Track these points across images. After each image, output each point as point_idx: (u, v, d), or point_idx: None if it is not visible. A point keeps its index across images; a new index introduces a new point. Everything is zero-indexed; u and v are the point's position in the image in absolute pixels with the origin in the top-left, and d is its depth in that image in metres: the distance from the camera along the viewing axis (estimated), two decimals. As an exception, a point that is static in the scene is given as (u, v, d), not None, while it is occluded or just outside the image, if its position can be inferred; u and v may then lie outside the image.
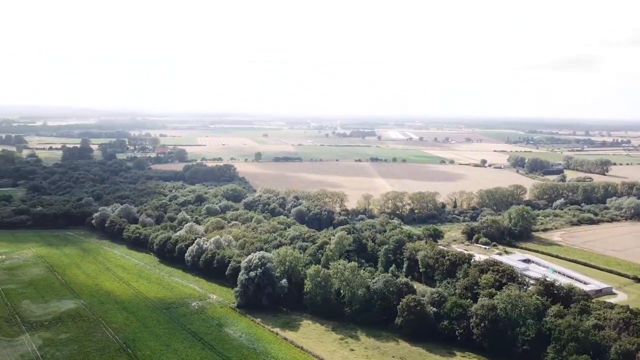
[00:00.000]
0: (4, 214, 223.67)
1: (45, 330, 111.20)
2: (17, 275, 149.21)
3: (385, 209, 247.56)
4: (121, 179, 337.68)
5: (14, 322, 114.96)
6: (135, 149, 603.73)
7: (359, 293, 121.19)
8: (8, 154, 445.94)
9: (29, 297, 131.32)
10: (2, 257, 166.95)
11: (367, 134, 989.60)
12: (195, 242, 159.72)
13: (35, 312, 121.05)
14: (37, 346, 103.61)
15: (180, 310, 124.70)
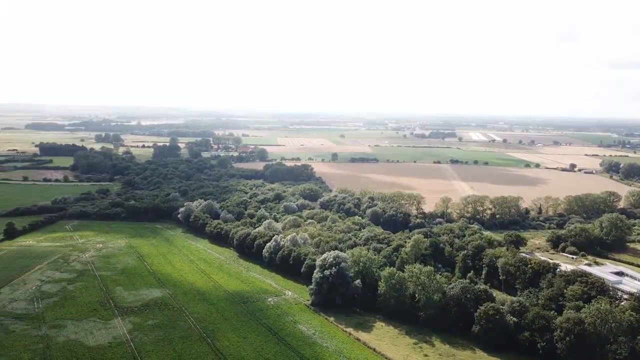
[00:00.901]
0: (102, 206, 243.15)
1: (135, 316, 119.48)
2: (112, 263, 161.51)
3: (465, 213, 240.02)
4: (205, 176, 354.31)
5: (108, 307, 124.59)
6: (219, 148, 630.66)
7: (435, 298, 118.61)
8: (107, 151, 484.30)
9: (121, 284, 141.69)
10: (99, 246, 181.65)
11: (447, 135, 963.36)
12: (273, 239, 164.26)
13: (127, 299, 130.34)
14: (127, 330, 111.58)
15: (256, 305, 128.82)
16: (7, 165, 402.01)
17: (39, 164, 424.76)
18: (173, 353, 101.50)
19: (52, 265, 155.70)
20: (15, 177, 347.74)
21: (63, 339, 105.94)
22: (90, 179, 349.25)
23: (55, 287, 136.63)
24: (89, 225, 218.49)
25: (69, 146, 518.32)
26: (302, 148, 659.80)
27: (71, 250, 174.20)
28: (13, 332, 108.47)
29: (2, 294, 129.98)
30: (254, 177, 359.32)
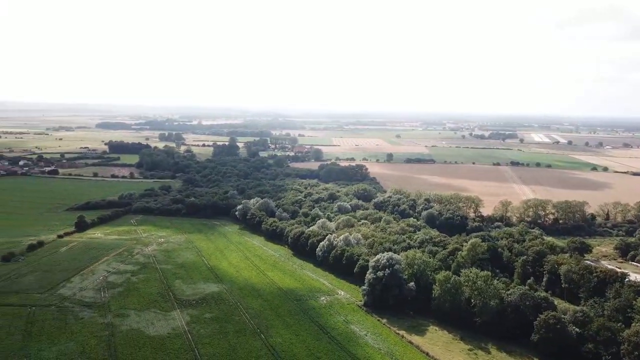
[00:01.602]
0: (164, 202, 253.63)
1: (193, 309, 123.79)
2: (172, 257, 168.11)
3: (525, 218, 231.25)
4: (262, 175, 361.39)
5: (168, 299, 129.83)
6: (276, 147, 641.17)
7: (492, 304, 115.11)
8: (169, 149, 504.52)
9: (180, 277, 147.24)
10: (161, 240, 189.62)
11: (508, 136, 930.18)
12: (327, 239, 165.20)
13: (185, 292, 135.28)
14: (185, 322, 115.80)
15: (309, 303, 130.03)
16: (79, 162, 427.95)
17: (108, 161, 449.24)
18: (228, 346, 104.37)
19: (117, 258, 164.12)
20: (86, 173, 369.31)
21: (126, 327, 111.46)
22: (153, 176, 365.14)
23: (120, 278, 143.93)
24: (152, 220, 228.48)
25: (135, 144, 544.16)
26: (356, 148, 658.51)
27: (135, 244, 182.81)
28: (82, 319, 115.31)
29: (72, 283, 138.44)
30: (309, 176, 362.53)
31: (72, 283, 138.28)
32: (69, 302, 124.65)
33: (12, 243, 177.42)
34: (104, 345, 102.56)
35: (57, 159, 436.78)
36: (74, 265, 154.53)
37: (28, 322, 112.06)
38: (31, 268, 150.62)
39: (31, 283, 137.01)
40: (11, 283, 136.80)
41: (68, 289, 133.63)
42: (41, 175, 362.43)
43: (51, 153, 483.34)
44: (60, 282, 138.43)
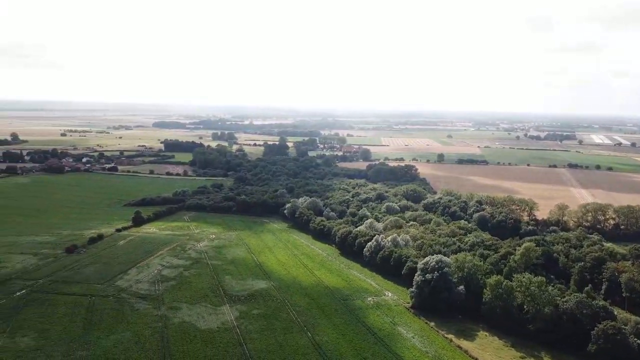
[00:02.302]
0: (216, 200, 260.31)
1: (242, 304, 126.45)
2: (223, 253, 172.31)
3: (583, 222, 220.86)
4: (311, 174, 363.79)
5: (218, 294, 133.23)
6: (324, 147, 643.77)
7: (545, 311, 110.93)
8: (222, 148, 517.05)
9: (230, 273, 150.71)
10: (212, 237, 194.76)
11: (566, 137, 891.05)
12: (374, 239, 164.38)
13: (235, 288, 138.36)
14: (234, 317, 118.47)
15: (356, 303, 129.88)
16: (137, 160, 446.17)
17: (163, 159, 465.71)
18: (275, 343, 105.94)
19: (171, 252, 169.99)
20: (143, 171, 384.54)
21: (178, 320, 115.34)
22: (206, 174, 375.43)
23: (173, 272, 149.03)
24: (204, 216, 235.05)
25: (189, 143, 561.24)
26: (406, 148, 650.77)
27: (188, 239, 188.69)
28: (137, 310, 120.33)
29: (129, 275, 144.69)
30: (357, 176, 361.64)
31: (128, 275, 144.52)
32: (125, 293, 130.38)
33: (75, 235, 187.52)
34: (158, 337, 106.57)
35: (117, 156, 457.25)
36: (131, 258, 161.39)
37: (88, 311, 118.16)
38: (92, 260, 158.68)
39: (92, 274, 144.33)
40: (74, 273, 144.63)
41: (125, 280, 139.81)
42: (102, 171, 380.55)
43: (111, 150, 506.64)
44: (118, 274, 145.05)
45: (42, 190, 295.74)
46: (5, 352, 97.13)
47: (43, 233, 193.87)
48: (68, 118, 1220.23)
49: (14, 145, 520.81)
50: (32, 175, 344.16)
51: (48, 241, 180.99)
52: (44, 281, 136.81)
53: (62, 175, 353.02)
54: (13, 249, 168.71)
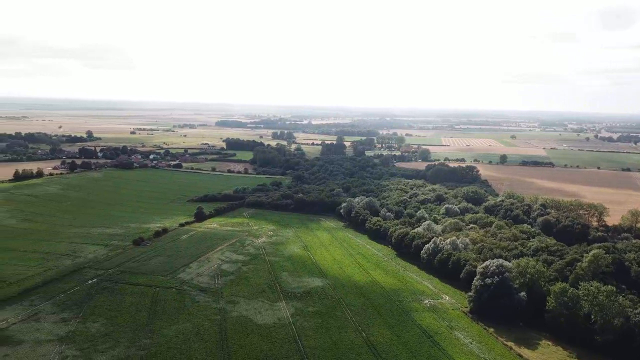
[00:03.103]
0: (274, 197, 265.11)
1: (297, 301, 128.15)
2: (280, 250, 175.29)
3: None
4: (367, 174, 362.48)
5: (275, 289, 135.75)
6: (382, 147, 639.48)
7: (615, 322, 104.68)
8: (281, 147, 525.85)
9: (287, 270, 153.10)
10: (270, 233, 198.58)
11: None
12: (432, 241, 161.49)
13: (291, 284, 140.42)
14: (290, 313, 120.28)
15: (412, 305, 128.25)
16: (200, 157, 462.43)
17: (225, 157, 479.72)
18: (329, 341, 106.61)
19: (230, 247, 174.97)
20: (205, 168, 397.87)
21: (236, 313, 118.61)
22: (265, 172, 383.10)
23: (232, 267, 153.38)
24: (262, 213, 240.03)
25: (250, 142, 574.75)
26: (467, 149, 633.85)
27: (247, 236, 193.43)
28: (198, 302, 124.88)
29: (191, 268, 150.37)
30: (415, 176, 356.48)
31: (190, 268, 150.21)
32: (187, 285, 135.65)
33: (141, 229, 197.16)
34: (216, 329, 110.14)
35: (181, 154, 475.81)
36: (193, 252, 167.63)
37: (153, 301, 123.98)
38: (157, 252, 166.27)
39: (156, 266, 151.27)
40: (140, 265, 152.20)
41: (187, 273, 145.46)
42: (167, 168, 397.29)
43: (176, 148, 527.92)
44: (181, 267, 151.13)
45: (113, 184, 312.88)
46: (79, 336, 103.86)
47: (113, 225, 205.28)
48: (137, 117, 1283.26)
49: (89, 143, 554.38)
50: (104, 171, 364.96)
51: (117, 233, 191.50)
52: (113, 271, 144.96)
53: (131, 171, 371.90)
54: (86, 240, 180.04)
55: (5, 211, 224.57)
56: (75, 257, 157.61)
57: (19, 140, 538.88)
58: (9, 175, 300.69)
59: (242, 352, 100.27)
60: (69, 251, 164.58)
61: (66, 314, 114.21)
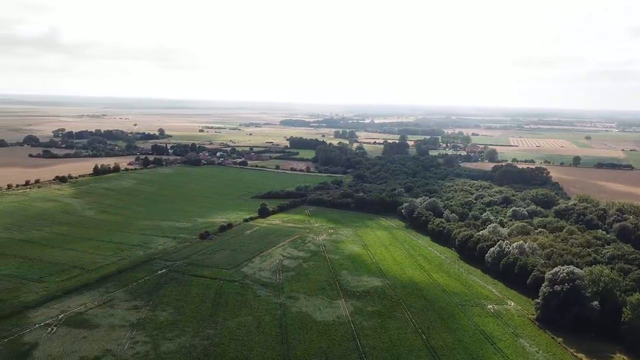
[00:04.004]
0: (335, 196, 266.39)
1: (357, 300, 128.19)
2: (340, 248, 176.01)
3: None
4: (431, 174, 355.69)
5: (334, 287, 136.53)
6: (447, 146, 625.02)
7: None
8: (343, 146, 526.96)
9: (346, 268, 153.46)
10: (330, 231, 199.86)
11: None
12: (497, 244, 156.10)
13: (350, 283, 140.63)
14: (349, 312, 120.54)
15: (475, 310, 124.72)
16: (264, 155, 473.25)
17: (288, 155, 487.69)
18: (388, 341, 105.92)
19: (291, 244, 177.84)
20: (269, 166, 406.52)
21: (296, 309, 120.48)
22: (327, 171, 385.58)
23: (293, 263, 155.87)
24: (323, 211, 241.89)
25: (312, 141, 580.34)
26: (537, 149, 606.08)
27: (308, 233, 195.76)
28: (259, 296, 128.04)
29: (253, 263, 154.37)
30: (481, 177, 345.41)
31: (253, 263, 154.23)
32: (249, 280, 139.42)
33: (208, 223, 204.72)
34: (277, 323, 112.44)
35: (247, 152, 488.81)
36: (256, 247, 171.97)
37: (217, 293, 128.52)
38: (221, 246, 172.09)
39: (221, 260, 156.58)
40: (205, 258, 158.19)
41: (249, 268, 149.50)
42: (233, 165, 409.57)
43: (242, 146, 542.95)
44: (244, 261, 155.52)
45: (182, 180, 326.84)
46: (148, 323, 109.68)
47: (181, 219, 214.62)
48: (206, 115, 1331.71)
49: (160, 140, 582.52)
50: (174, 167, 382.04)
51: (185, 227, 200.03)
52: (181, 263, 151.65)
53: (199, 168, 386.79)
54: (157, 232, 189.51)
55: (85, 203, 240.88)
56: (147, 248, 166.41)
57: (99, 137, 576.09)
58: (89, 169, 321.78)
59: (301, 347, 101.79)
60: (141, 242, 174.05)
61: (137, 302, 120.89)
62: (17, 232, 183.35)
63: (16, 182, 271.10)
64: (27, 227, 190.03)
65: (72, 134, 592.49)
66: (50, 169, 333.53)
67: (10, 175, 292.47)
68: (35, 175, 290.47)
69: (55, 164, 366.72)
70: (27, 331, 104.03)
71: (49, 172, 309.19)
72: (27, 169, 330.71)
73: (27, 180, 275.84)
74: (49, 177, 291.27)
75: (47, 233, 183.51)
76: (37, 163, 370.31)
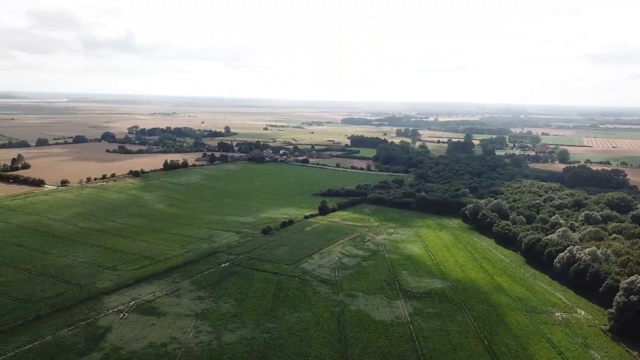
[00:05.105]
0: (395, 195, 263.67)
1: (416, 301, 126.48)
2: (399, 248, 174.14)
3: None
4: (497, 175, 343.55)
5: (393, 287, 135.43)
6: (514, 146, 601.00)
7: None
8: (405, 145, 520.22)
9: (406, 268, 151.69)
10: (390, 231, 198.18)
11: None
12: (567, 250, 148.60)
13: (410, 283, 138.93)
14: (408, 313, 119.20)
15: (541, 317, 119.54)
16: (325, 154, 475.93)
17: (349, 153, 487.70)
18: (448, 344, 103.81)
19: (351, 242, 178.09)
20: (330, 164, 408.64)
21: (354, 307, 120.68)
22: (388, 169, 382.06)
23: (352, 261, 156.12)
24: (383, 210, 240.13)
25: (373, 139, 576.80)
26: (613, 150, 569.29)
27: (367, 231, 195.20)
28: (318, 293, 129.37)
29: (313, 259, 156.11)
30: (551, 179, 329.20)
31: (312, 259, 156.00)
32: (309, 276, 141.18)
33: (269, 219, 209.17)
34: (335, 320, 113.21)
35: (308, 150, 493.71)
36: (315, 244, 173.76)
37: (277, 288, 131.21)
38: (282, 242, 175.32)
39: (282, 255, 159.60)
40: (267, 253, 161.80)
41: (309, 264, 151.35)
42: (295, 163, 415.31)
43: (304, 144, 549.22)
44: (304, 257, 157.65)
45: (246, 177, 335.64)
46: (212, 314, 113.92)
47: (245, 214, 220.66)
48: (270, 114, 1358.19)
49: (226, 137, 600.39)
50: (239, 164, 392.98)
51: (248, 222, 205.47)
52: (243, 257, 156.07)
53: (262, 165, 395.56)
54: (221, 226, 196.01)
55: (155, 197, 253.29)
56: (212, 242, 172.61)
57: (169, 134, 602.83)
58: (159, 165, 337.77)
59: (359, 345, 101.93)
60: (206, 236, 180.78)
61: (202, 293, 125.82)
62: (95, 222, 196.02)
63: (94, 175, 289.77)
64: (103, 218, 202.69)
65: (145, 131, 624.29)
66: (125, 163, 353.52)
67: (90, 169, 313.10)
68: (111, 170, 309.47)
69: (129, 158, 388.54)
70: (101, 315, 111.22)
71: (124, 167, 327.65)
72: (104, 164, 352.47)
73: (104, 174, 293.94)
74: (124, 172, 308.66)
75: (121, 224, 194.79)
76: (113, 158, 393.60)
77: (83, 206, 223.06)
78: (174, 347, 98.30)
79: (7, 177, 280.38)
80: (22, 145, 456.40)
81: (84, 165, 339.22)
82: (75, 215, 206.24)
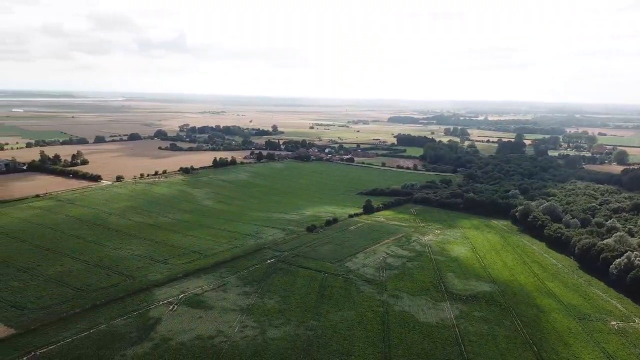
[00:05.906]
0: (442, 195, 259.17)
1: (463, 304, 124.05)
2: (446, 249, 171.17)
3: None
4: (549, 176, 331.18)
5: (439, 289, 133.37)
6: (568, 146, 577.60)
7: None
8: (453, 144, 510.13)
9: (453, 270, 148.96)
10: (437, 232, 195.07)
11: None
12: (625, 256, 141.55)
13: (457, 286, 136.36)
14: (454, 315, 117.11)
15: (595, 325, 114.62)
16: (371, 152, 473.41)
17: (395, 152, 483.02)
18: (495, 350, 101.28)
19: (396, 242, 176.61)
20: (376, 163, 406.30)
21: (399, 308, 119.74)
22: (435, 169, 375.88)
23: (396, 262, 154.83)
24: (429, 211, 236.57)
25: (421, 138, 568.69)
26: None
27: (413, 232, 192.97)
28: (362, 292, 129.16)
29: (357, 258, 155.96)
30: (607, 181, 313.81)
31: (357, 258, 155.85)
32: (353, 275, 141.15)
33: (315, 217, 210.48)
34: (379, 320, 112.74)
35: (354, 149, 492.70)
36: (360, 243, 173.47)
37: (321, 285, 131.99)
38: (327, 240, 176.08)
39: (326, 253, 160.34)
40: (311, 250, 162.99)
41: (353, 263, 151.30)
42: (340, 162, 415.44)
43: (349, 143, 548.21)
44: (348, 256, 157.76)
45: (292, 175, 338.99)
46: (256, 309, 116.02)
47: (290, 212, 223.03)
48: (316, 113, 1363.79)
49: (273, 136, 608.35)
50: (286, 162, 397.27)
51: (294, 219, 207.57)
52: (288, 254, 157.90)
53: (308, 163, 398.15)
54: (267, 223, 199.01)
55: (204, 193, 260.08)
56: (258, 238, 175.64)
57: (218, 132, 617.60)
58: (209, 162, 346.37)
59: (403, 346, 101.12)
60: (252, 232, 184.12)
61: (247, 288, 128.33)
62: (147, 216, 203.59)
63: (147, 171, 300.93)
64: (155, 213, 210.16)
65: (195, 129, 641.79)
66: (176, 160, 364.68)
67: (143, 165, 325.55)
68: (162, 166, 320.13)
69: (180, 155, 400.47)
70: (152, 307, 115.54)
71: (175, 163, 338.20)
72: (156, 160, 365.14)
73: (156, 171, 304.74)
74: (174, 168, 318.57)
75: (171, 219, 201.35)
76: (165, 154, 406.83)
77: (136, 201, 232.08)
78: (220, 340, 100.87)
79: (68, 172, 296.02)
80: (81, 142, 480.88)
81: (137, 162, 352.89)
82: (129, 209, 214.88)
